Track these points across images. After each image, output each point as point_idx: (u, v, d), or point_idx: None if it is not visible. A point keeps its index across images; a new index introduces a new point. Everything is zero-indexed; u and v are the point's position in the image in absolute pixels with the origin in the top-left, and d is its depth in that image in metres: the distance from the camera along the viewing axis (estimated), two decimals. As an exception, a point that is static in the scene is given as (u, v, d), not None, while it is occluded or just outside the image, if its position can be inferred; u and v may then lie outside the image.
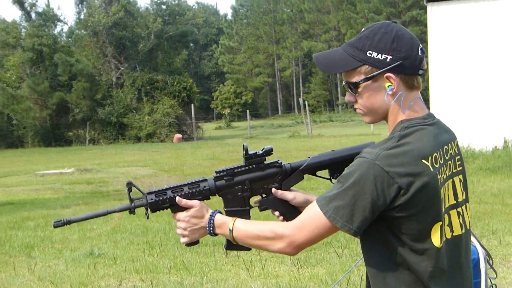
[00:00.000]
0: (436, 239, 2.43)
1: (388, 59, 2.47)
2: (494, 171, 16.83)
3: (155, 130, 50.26)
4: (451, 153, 2.56)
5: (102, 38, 54.75)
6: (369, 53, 2.49)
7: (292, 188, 3.00)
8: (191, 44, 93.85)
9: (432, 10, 21.21)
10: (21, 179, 23.80)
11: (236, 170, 2.95)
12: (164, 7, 64.16)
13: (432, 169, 2.39)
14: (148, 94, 52.64)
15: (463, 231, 2.59)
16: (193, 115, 51.29)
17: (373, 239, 2.51)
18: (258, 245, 2.64)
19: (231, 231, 2.69)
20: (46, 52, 53.14)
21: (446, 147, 2.53)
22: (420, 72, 2.51)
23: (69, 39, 77.48)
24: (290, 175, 2.97)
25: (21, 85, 54.72)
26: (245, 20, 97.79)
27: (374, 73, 2.49)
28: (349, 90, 2.60)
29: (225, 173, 2.95)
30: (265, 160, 2.96)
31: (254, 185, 2.95)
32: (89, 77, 52.36)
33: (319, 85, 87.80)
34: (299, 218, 2.54)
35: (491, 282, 5.29)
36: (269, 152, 2.95)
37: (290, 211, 2.96)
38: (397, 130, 2.47)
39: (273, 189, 2.95)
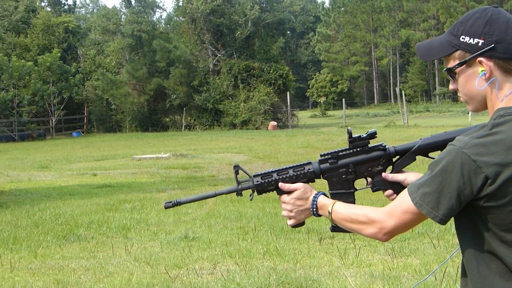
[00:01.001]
0: None
1: (480, 43, 2.44)
2: None
3: (251, 117, 50.46)
4: None
5: (200, 25, 55.08)
6: (462, 38, 2.48)
7: (404, 169, 2.99)
8: (288, 32, 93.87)
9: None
10: (119, 163, 24.33)
11: (340, 153, 2.98)
12: (261, -6, 64.27)
13: None
14: (244, 81, 52.84)
15: None
16: (288, 103, 51.35)
17: (465, 228, 2.49)
18: (352, 228, 2.68)
19: (330, 213, 2.74)
20: (145, 38, 54.08)
21: None
22: None
23: (168, 25, 78.80)
24: (401, 157, 2.96)
25: (120, 71, 55.90)
26: (342, 8, 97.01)
27: (467, 58, 2.48)
28: (449, 77, 2.59)
29: (329, 156, 2.98)
30: (369, 143, 2.97)
31: (358, 168, 2.97)
32: (186, 64, 52.87)
33: (417, 75, 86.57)
34: (391, 204, 2.55)
35: None
36: (373, 135, 2.95)
37: (400, 191, 2.92)
38: (493, 118, 2.42)
39: (383, 174, 2.96)
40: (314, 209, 2.82)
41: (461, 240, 2.52)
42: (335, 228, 2.86)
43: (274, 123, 48.99)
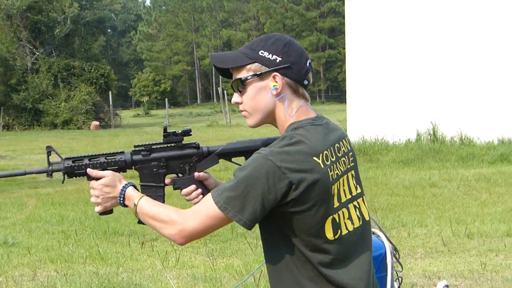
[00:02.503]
0: (329, 233, 2.52)
1: (277, 60, 2.59)
2: (406, 164, 17.16)
3: (72, 117, 49.52)
4: (343, 150, 2.66)
5: (16, 21, 53.36)
6: (261, 53, 2.61)
7: (206, 171, 3.04)
8: (109, 30, 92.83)
9: (350, 3, 21.51)
10: None
11: (153, 146, 3.00)
12: (81, -9, 63.11)
13: (323, 166, 2.48)
14: (64, 80, 51.80)
15: (361, 222, 2.68)
16: (110, 103, 50.80)
17: (274, 237, 2.61)
18: (153, 226, 2.67)
19: (135, 205, 2.73)
20: (-44, 34, 51.87)
21: (337, 145, 2.62)
22: (305, 82, 2.65)
23: (-17, 22, 75.62)
24: (206, 158, 3.02)
25: None
26: (164, 7, 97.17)
27: (263, 71, 2.60)
28: (236, 89, 2.70)
29: (143, 148, 2.99)
30: (183, 140, 3.01)
31: (170, 163, 3.00)
32: (2, 62, 51.20)
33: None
34: (194, 207, 2.60)
35: (397, 275, 5.43)
36: (187, 132, 3.00)
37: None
38: (289, 130, 2.57)
39: (196, 173, 2.99)
40: (121, 199, 2.81)
41: (269, 251, 2.65)
42: (142, 221, 2.85)
43: (97, 122, 48.35)
